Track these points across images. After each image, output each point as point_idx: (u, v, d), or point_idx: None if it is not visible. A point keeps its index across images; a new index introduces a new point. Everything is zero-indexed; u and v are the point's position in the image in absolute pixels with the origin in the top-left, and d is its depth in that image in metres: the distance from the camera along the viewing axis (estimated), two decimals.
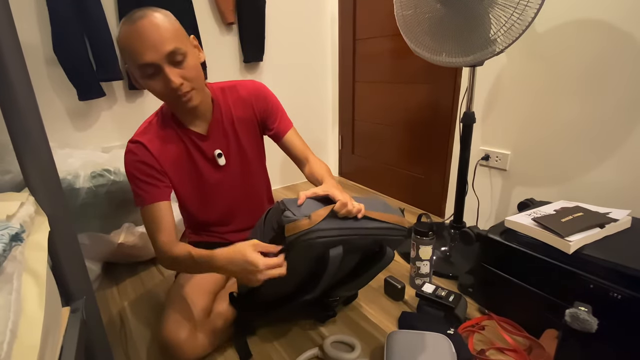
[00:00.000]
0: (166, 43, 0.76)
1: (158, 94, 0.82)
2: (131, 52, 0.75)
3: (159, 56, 0.76)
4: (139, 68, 0.77)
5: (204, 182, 0.97)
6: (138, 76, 0.80)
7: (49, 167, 0.65)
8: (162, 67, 0.77)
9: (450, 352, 0.79)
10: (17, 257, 0.48)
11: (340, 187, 0.83)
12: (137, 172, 0.87)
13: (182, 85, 0.79)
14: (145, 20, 0.75)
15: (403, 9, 1.11)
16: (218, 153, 0.96)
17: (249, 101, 0.98)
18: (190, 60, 0.81)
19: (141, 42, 0.74)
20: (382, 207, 0.86)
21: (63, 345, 0.56)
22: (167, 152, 0.90)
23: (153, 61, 0.76)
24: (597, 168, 1.12)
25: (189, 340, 0.84)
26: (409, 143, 1.80)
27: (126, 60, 0.81)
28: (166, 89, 0.80)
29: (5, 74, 0.57)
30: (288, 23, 1.93)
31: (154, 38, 0.75)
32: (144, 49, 0.75)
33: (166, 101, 0.87)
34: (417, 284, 1.15)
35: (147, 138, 0.89)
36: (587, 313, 0.65)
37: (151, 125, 0.91)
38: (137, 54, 0.75)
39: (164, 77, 0.78)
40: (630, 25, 0.98)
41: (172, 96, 0.81)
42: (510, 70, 1.28)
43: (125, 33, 0.75)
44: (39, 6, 1.28)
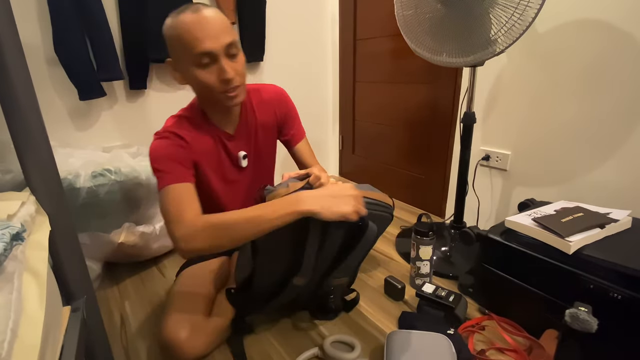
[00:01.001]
0: (226, 34, 0.78)
1: (205, 87, 0.81)
2: (189, 39, 0.76)
3: (219, 46, 0.77)
4: (195, 56, 0.77)
5: (227, 180, 0.98)
6: (189, 66, 0.79)
7: (50, 166, 0.65)
8: (219, 57, 0.78)
9: (450, 352, 0.79)
10: (18, 257, 0.48)
11: (324, 170, 0.88)
12: (169, 153, 0.83)
13: (233, 79, 0.80)
14: (205, 12, 0.77)
15: (403, 9, 1.11)
16: (243, 155, 0.97)
17: (271, 105, 1.00)
18: (241, 57, 0.84)
19: (201, 30, 0.76)
20: (366, 187, 0.91)
21: (63, 345, 0.56)
22: (200, 143, 0.90)
23: (212, 49, 0.77)
24: (598, 168, 1.12)
25: (190, 340, 0.84)
26: (410, 143, 1.80)
27: (175, 50, 0.80)
28: (218, 81, 0.80)
29: (7, 74, 0.57)
30: (288, 23, 1.93)
31: (214, 28, 0.77)
32: (204, 37, 0.76)
33: (210, 96, 0.84)
34: (417, 284, 1.15)
35: (181, 130, 0.87)
36: (587, 313, 0.65)
37: (182, 120, 0.90)
38: (197, 42, 0.76)
39: (219, 68, 0.79)
40: (631, 25, 0.98)
41: (221, 89, 0.81)
42: (510, 71, 1.28)
43: (183, 21, 0.76)
44: (40, 6, 1.28)
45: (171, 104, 1.65)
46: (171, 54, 0.83)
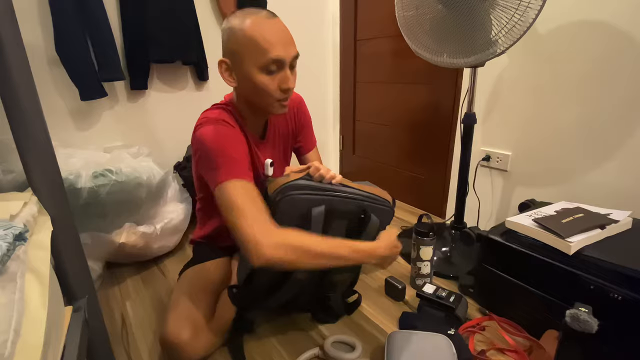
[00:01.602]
0: (294, 45, 0.81)
1: (262, 91, 0.81)
2: (264, 43, 0.76)
3: (289, 55, 0.79)
4: (265, 61, 0.77)
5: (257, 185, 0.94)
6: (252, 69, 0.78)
7: (52, 166, 0.65)
8: (286, 67, 0.80)
9: (451, 352, 0.79)
10: (21, 257, 0.49)
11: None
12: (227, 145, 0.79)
13: (292, 88, 0.82)
14: (277, 19, 0.79)
15: (404, 9, 1.11)
16: (270, 162, 0.96)
17: (291, 113, 1.01)
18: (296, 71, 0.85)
19: (279, 36, 0.77)
20: (365, 183, 0.93)
21: (65, 345, 0.56)
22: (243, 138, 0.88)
23: (284, 57, 0.78)
24: (598, 169, 1.12)
25: (192, 340, 0.84)
26: (410, 144, 1.80)
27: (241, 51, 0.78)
28: (277, 89, 0.81)
29: (9, 74, 0.57)
30: (289, 23, 1.90)
31: (288, 37, 0.79)
32: (280, 44, 0.77)
33: (260, 100, 0.83)
34: (418, 284, 1.15)
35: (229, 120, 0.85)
36: (588, 314, 0.65)
37: (227, 113, 0.87)
38: (271, 47, 0.76)
39: (283, 77, 0.80)
40: (631, 26, 0.98)
41: (278, 97, 0.82)
42: (511, 71, 1.28)
43: (259, 24, 0.76)
44: (42, 6, 1.28)
45: (172, 104, 1.66)
46: (231, 54, 0.81)
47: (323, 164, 1.07)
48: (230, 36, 0.80)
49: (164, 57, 1.49)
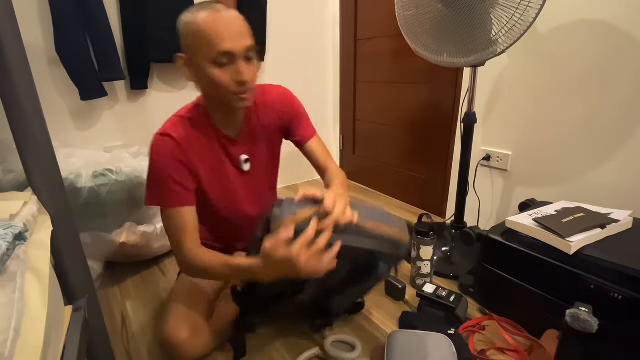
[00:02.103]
0: (246, 37, 0.79)
1: (217, 87, 0.80)
2: (211, 37, 0.75)
3: (239, 47, 0.77)
4: (214, 55, 0.76)
5: (229, 185, 0.96)
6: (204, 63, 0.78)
7: (52, 166, 0.65)
8: (238, 59, 0.78)
9: (451, 352, 0.79)
10: (21, 256, 0.49)
11: (343, 193, 0.83)
12: (168, 170, 0.83)
13: (248, 82, 0.80)
14: (228, 12, 0.77)
15: (404, 9, 1.11)
16: (245, 159, 0.95)
17: (276, 107, 0.98)
18: (255, 63, 0.84)
19: (224, 28, 0.75)
20: (382, 217, 0.81)
21: (65, 344, 0.56)
22: (198, 148, 0.88)
23: (233, 50, 0.76)
24: (599, 169, 1.12)
25: (190, 340, 0.84)
26: (410, 143, 1.80)
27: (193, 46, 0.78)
28: (232, 82, 0.79)
29: (9, 74, 0.57)
30: (289, 23, 1.93)
31: (238, 29, 0.77)
32: (227, 37, 0.75)
33: (219, 96, 0.83)
34: (418, 284, 1.15)
35: (178, 132, 0.85)
36: (588, 313, 0.65)
37: (183, 120, 0.88)
38: (220, 40, 0.75)
39: (236, 69, 0.78)
40: (632, 26, 0.98)
41: (233, 91, 0.80)
42: (511, 71, 1.28)
43: (206, 18, 0.75)
44: (42, 6, 1.28)
45: (172, 104, 1.65)
46: (186, 50, 0.81)
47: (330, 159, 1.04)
48: (183, 31, 0.79)
49: (164, 56, 1.49)
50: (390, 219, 0.83)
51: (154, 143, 0.84)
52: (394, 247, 0.80)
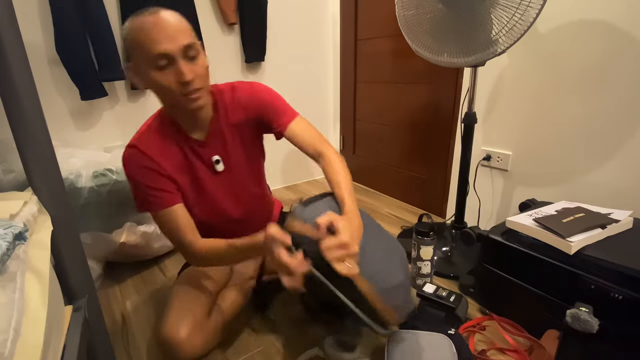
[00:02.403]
0: (183, 35, 0.76)
1: (164, 91, 0.79)
2: (145, 41, 0.74)
3: (176, 47, 0.75)
4: (152, 59, 0.75)
5: (204, 187, 0.95)
6: (147, 69, 0.77)
7: (52, 166, 0.65)
8: (177, 59, 0.76)
9: (451, 352, 0.79)
10: (21, 256, 0.49)
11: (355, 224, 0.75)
12: (142, 179, 0.85)
13: (193, 82, 0.78)
14: (161, 14, 0.76)
15: (405, 9, 1.11)
16: (216, 159, 0.94)
17: (247, 104, 0.95)
18: (202, 59, 0.81)
19: (158, 31, 0.74)
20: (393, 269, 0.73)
21: (66, 344, 0.56)
22: (167, 156, 0.88)
23: (169, 51, 0.74)
24: (599, 169, 1.12)
25: (189, 339, 0.84)
26: (411, 143, 1.80)
27: (134, 53, 0.78)
28: (176, 84, 0.77)
29: (9, 74, 0.57)
30: (290, 23, 1.93)
31: (171, 29, 0.75)
32: (160, 38, 0.74)
33: (170, 100, 0.83)
34: (418, 284, 1.15)
35: (145, 144, 0.87)
36: (588, 313, 0.65)
37: (149, 130, 0.89)
38: (153, 43, 0.73)
39: (177, 70, 0.76)
40: (633, 26, 0.98)
41: (180, 92, 0.78)
42: (511, 71, 1.28)
43: (139, 24, 0.74)
44: (42, 6, 1.28)
45: None
46: (130, 58, 0.80)
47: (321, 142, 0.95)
48: (125, 40, 0.79)
49: None
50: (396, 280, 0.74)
51: (123, 156, 0.87)
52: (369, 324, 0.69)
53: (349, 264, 0.66)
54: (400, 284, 0.76)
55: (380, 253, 0.77)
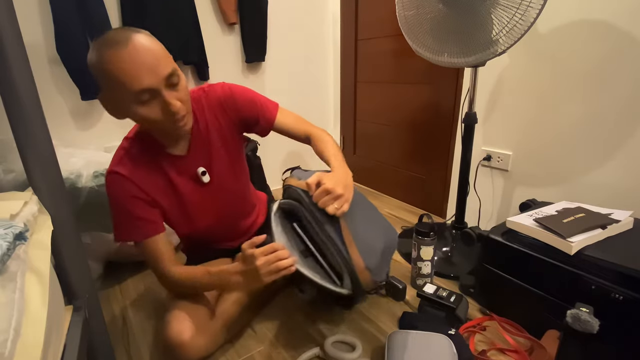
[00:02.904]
0: (164, 65, 0.71)
1: (149, 122, 0.75)
2: (123, 77, 0.68)
3: (158, 80, 0.70)
4: (133, 95, 0.70)
5: (189, 202, 0.92)
6: (127, 104, 0.72)
7: (52, 166, 0.65)
8: (161, 91, 0.71)
9: (451, 352, 0.79)
10: (21, 256, 0.49)
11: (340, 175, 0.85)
12: (129, 207, 0.83)
13: (180, 109, 0.74)
14: (135, 43, 0.68)
15: (405, 9, 1.11)
16: (202, 171, 0.91)
17: (221, 107, 0.92)
18: (183, 82, 0.77)
19: (136, 65, 0.67)
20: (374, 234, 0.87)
21: (66, 344, 0.56)
22: (151, 182, 0.86)
23: (152, 86, 0.69)
24: (600, 169, 1.12)
25: (192, 340, 0.84)
26: (411, 143, 1.80)
27: (108, 87, 0.71)
28: (163, 115, 0.74)
29: (9, 74, 0.57)
30: (290, 23, 1.93)
31: (150, 61, 0.69)
32: (141, 74, 0.68)
33: (156, 127, 0.80)
34: (419, 284, 1.15)
35: (127, 168, 0.83)
36: (589, 314, 0.65)
37: (128, 153, 0.84)
38: (133, 79, 0.68)
39: (162, 102, 0.72)
40: (633, 26, 0.98)
41: (168, 122, 0.75)
42: (512, 71, 1.27)
43: (112, 57, 0.67)
44: (42, 6, 1.28)
45: None
46: (101, 89, 0.74)
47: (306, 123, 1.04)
48: (94, 72, 0.71)
49: None
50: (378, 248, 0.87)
51: (106, 183, 0.84)
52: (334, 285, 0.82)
53: (336, 205, 0.79)
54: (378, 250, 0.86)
55: (363, 219, 0.88)
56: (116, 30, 0.71)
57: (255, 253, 0.77)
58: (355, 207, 0.85)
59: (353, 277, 0.81)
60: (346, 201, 0.80)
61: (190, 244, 1.09)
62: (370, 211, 0.96)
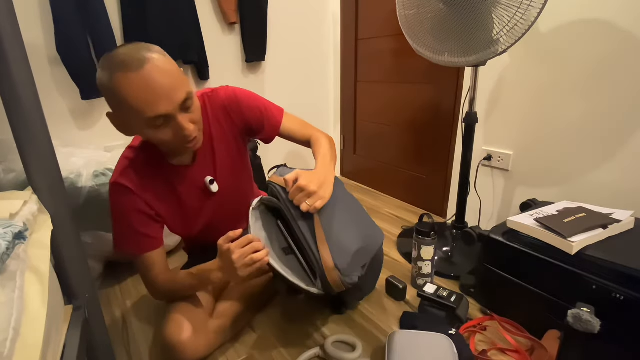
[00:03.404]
0: (179, 90, 0.69)
1: (160, 142, 0.75)
2: (138, 104, 0.66)
3: (174, 106, 0.69)
4: (147, 121, 0.68)
5: (192, 210, 0.92)
6: (139, 127, 0.72)
7: (52, 166, 0.65)
8: (176, 116, 0.70)
9: (452, 352, 0.78)
10: (21, 256, 0.49)
11: (319, 173, 0.85)
12: (129, 221, 0.83)
13: (193, 131, 0.74)
14: (150, 67, 0.66)
15: (405, 8, 1.11)
16: (210, 180, 0.90)
17: (225, 112, 0.90)
18: (196, 103, 0.76)
19: (151, 92, 0.66)
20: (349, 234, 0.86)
21: (65, 343, 0.56)
22: (153, 191, 0.85)
23: (167, 112, 0.68)
24: (600, 168, 1.11)
25: (191, 340, 0.84)
26: (411, 143, 1.80)
27: (120, 109, 0.70)
28: (176, 137, 0.73)
29: (9, 73, 0.57)
30: (290, 23, 1.93)
31: (166, 87, 0.67)
32: (156, 100, 0.66)
33: (164, 149, 0.81)
34: (419, 284, 1.15)
35: (132, 180, 0.82)
36: (590, 314, 0.65)
37: (133, 164, 0.83)
38: (147, 106, 0.66)
39: (176, 126, 0.72)
40: (634, 25, 0.98)
41: (180, 143, 0.75)
42: (513, 70, 1.27)
43: (126, 82, 0.65)
44: (43, 6, 1.28)
45: None
46: (112, 108, 0.73)
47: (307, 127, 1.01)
48: (104, 93, 0.70)
49: None
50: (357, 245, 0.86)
51: (110, 194, 0.84)
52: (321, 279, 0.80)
53: (308, 202, 0.80)
54: (351, 250, 0.84)
55: (341, 218, 0.88)
56: (128, 48, 0.68)
57: (230, 247, 0.77)
58: (334, 206, 0.86)
59: (321, 276, 0.80)
60: (320, 199, 0.81)
61: (192, 244, 1.10)
62: (352, 213, 0.93)
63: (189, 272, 0.87)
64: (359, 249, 0.85)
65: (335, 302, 1.06)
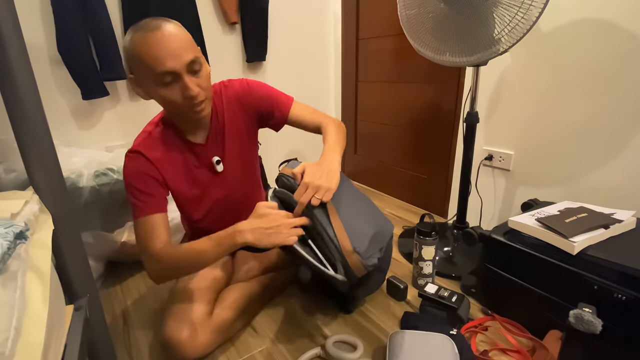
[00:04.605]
0: (187, 51, 0.77)
1: (170, 104, 0.82)
2: (149, 59, 0.75)
3: (181, 64, 0.76)
4: (157, 76, 0.76)
5: (204, 189, 0.98)
6: (151, 84, 0.79)
7: (53, 165, 0.65)
8: (182, 75, 0.77)
9: (453, 352, 0.78)
10: (22, 255, 0.49)
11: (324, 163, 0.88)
12: (136, 183, 0.87)
13: (198, 95, 0.80)
14: (163, 30, 0.75)
15: (406, 8, 1.11)
16: (216, 160, 0.97)
17: (239, 102, 0.98)
18: (205, 70, 0.83)
19: (162, 49, 0.74)
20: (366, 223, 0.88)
21: (66, 343, 0.56)
22: (168, 162, 0.91)
23: (174, 69, 0.76)
24: (602, 168, 1.11)
25: (191, 339, 0.84)
26: (412, 143, 1.80)
27: (136, 68, 0.79)
28: (182, 98, 0.80)
29: (10, 73, 0.57)
30: (291, 23, 1.93)
31: (175, 46, 0.76)
32: (165, 57, 0.75)
33: (176, 111, 0.86)
34: (420, 284, 1.15)
35: (147, 148, 0.89)
36: (592, 314, 0.65)
37: (150, 136, 0.91)
38: (158, 61, 0.75)
39: (182, 86, 0.78)
40: (636, 25, 0.98)
41: (186, 105, 0.81)
42: (514, 70, 1.27)
43: (142, 40, 0.75)
44: (44, 6, 1.28)
45: None
46: (132, 71, 0.82)
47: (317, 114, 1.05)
48: (125, 54, 0.80)
49: None
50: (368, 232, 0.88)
51: (125, 161, 0.88)
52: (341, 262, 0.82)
53: (317, 196, 0.82)
54: (368, 234, 0.87)
55: (351, 205, 0.90)
56: (151, 18, 0.78)
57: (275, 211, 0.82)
58: (344, 196, 0.90)
59: (342, 260, 0.82)
60: (327, 190, 0.83)
61: (195, 235, 1.09)
62: (361, 202, 0.98)
63: (203, 238, 0.82)
64: (375, 233, 0.89)
65: (344, 300, 1.06)
